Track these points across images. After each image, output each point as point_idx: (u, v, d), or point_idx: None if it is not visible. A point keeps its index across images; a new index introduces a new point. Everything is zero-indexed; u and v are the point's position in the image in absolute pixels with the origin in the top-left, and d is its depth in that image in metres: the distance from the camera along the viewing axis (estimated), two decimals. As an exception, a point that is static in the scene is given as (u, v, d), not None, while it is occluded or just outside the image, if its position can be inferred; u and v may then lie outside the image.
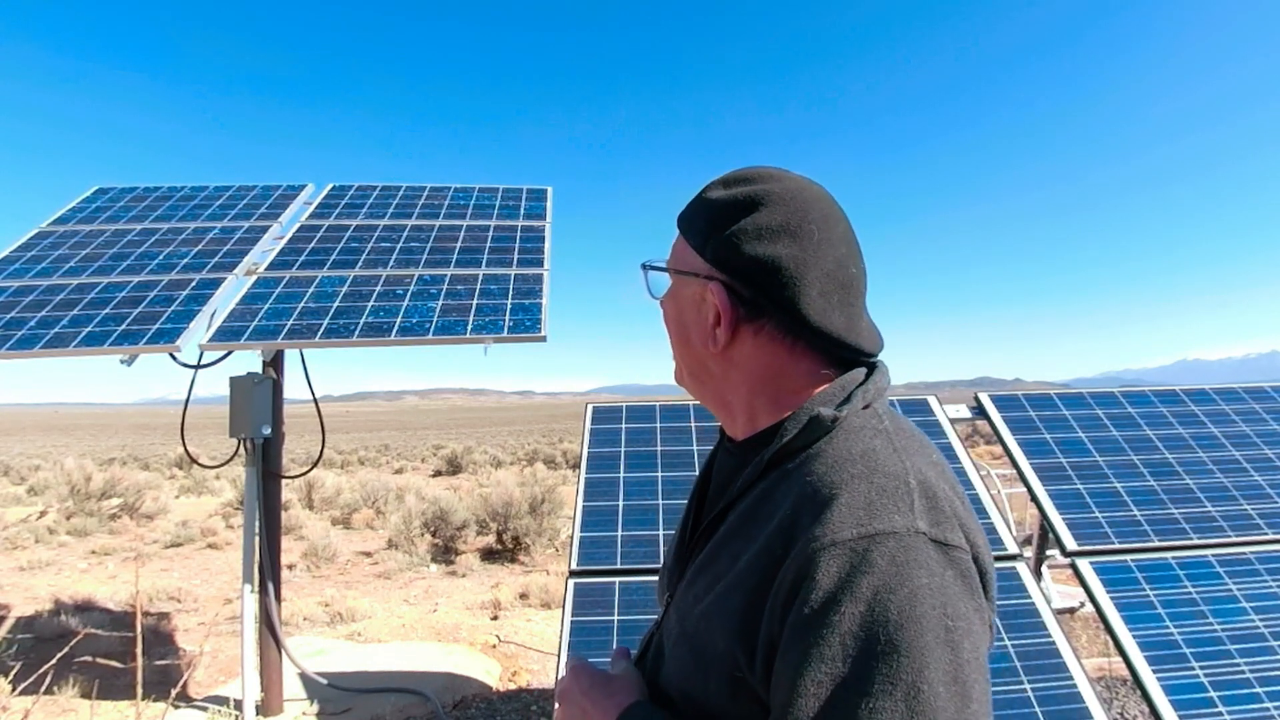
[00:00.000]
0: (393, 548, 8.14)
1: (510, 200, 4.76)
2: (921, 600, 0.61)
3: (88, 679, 4.04)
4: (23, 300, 3.50)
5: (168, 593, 6.23)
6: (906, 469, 0.69)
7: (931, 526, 0.65)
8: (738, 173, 0.83)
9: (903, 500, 0.66)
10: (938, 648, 0.59)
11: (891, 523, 0.64)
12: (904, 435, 0.74)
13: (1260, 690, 2.27)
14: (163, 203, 4.66)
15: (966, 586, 0.64)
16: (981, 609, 0.65)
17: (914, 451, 0.73)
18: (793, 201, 0.78)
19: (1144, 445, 3.14)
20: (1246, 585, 2.58)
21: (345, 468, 20.69)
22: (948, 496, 0.69)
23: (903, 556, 0.62)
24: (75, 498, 9.76)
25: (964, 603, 0.63)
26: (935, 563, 0.63)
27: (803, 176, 0.82)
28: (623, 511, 2.83)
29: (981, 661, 0.63)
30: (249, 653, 3.37)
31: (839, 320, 0.76)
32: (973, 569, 0.66)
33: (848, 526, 0.64)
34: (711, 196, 0.82)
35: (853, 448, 0.70)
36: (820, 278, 0.75)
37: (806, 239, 0.76)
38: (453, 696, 3.97)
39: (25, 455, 29.39)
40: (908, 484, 0.67)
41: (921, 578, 0.62)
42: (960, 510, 0.70)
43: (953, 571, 0.64)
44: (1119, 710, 3.74)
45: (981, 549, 0.69)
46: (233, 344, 3.22)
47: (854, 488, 0.67)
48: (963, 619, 0.62)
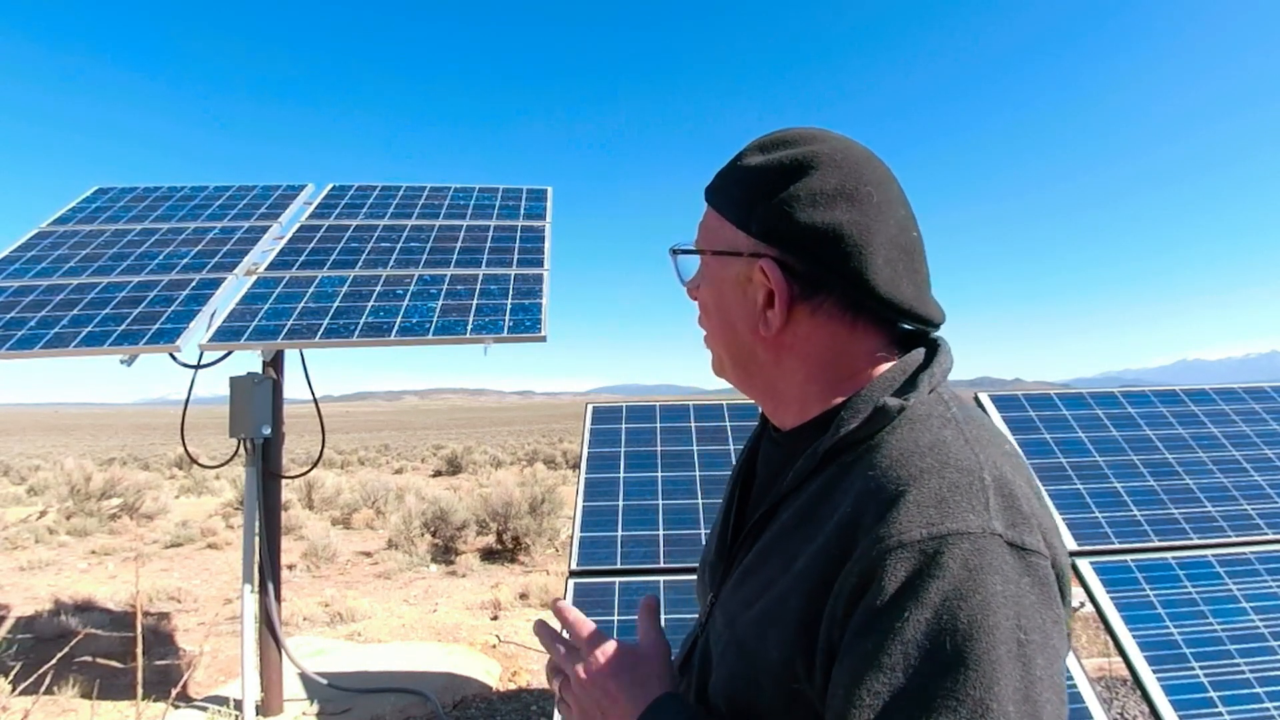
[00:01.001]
0: (393, 548, 8.14)
1: (510, 200, 4.76)
2: (994, 609, 0.55)
3: (88, 679, 4.03)
4: (23, 300, 3.50)
5: (168, 593, 6.23)
6: (981, 463, 0.62)
7: (1008, 528, 0.59)
8: (775, 136, 0.75)
9: (977, 498, 0.60)
10: (1009, 662, 0.54)
11: (965, 522, 0.58)
12: (975, 425, 0.68)
13: (1260, 690, 2.27)
14: (163, 203, 4.66)
15: (1044, 596, 0.58)
16: (1059, 620, 0.60)
17: (987, 443, 0.66)
18: (845, 162, 0.70)
19: (1144, 445, 3.14)
20: (1246, 585, 2.58)
21: (345, 468, 20.68)
22: (1025, 495, 0.63)
23: (976, 560, 0.57)
24: (75, 498, 9.76)
25: (1040, 613, 0.57)
26: (1011, 568, 0.57)
27: (844, 135, 0.75)
28: (623, 511, 2.83)
29: (1056, 679, 0.57)
30: (249, 653, 3.37)
31: (908, 289, 0.69)
32: (1051, 576, 0.60)
33: (916, 526, 0.58)
34: (751, 163, 0.73)
35: (920, 438, 0.64)
36: (885, 244, 0.68)
37: (866, 202, 0.69)
38: (453, 696, 3.97)
39: (25, 455, 29.39)
40: (982, 480, 0.61)
41: (996, 584, 0.56)
42: (1038, 510, 0.63)
43: (1030, 579, 0.58)
44: (1119, 710, 3.74)
45: (1060, 553, 0.63)
46: (233, 344, 3.22)
47: (923, 483, 0.61)
48: (1038, 631, 0.57)
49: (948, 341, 0.75)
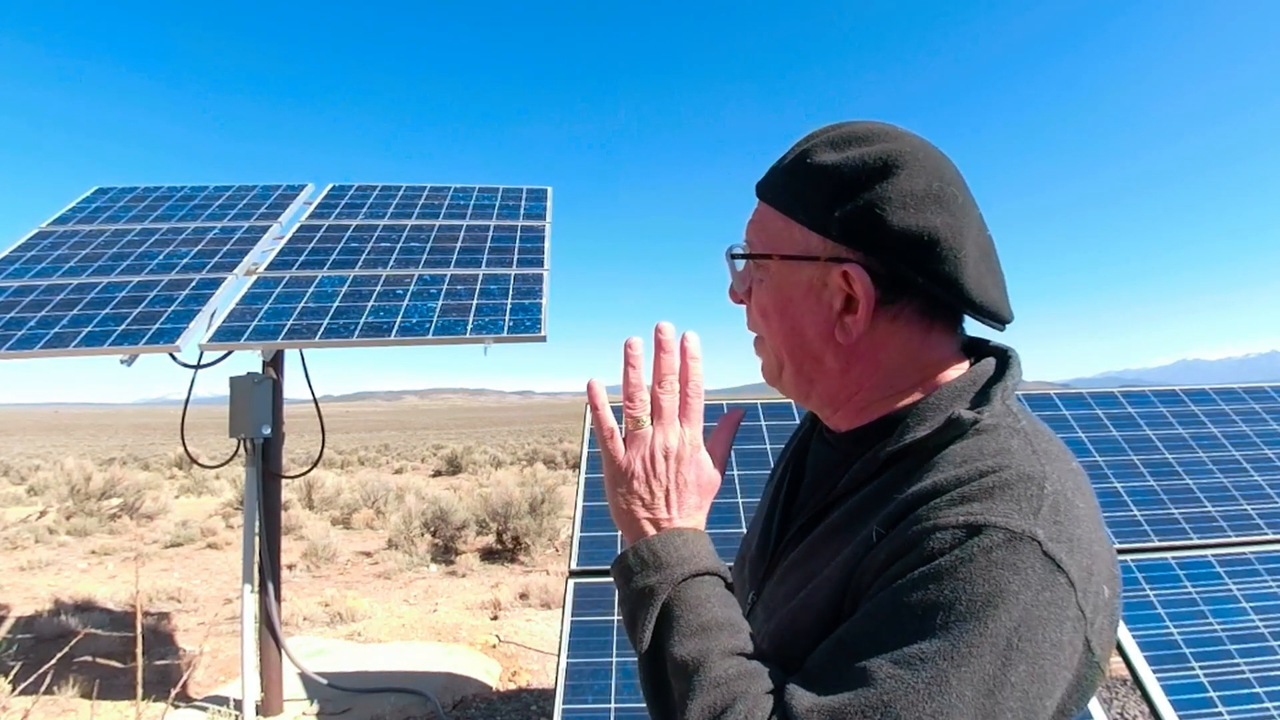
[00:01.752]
0: (393, 548, 8.14)
1: (510, 200, 4.76)
2: (999, 604, 0.53)
3: (88, 679, 4.03)
4: (23, 300, 3.50)
5: (168, 593, 6.23)
6: (1045, 474, 0.60)
7: (1050, 540, 0.56)
8: (844, 130, 0.71)
9: (1029, 501, 0.58)
10: (990, 656, 0.53)
11: (1007, 518, 0.56)
12: (1043, 438, 0.65)
13: (1260, 690, 2.27)
14: (163, 203, 4.66)
15: (1056, 616, 0.55)
16: (1060, 648, 0.55)
17: (1054, 457, 0.63)
18: (928, 161, 0.68)
19: (1144, 445, 3.14)
20: (1246, 585, 2.58)
21: (345, 468, 20.69)
22: (1085, 519, 0.59)
23: (1001, 555, 0.55)
24: (75, 498, 9.76)
25: (1045, 630, 0.54)
26: (1036, 576, 0.55)
27: (910, 131, 0.72)
28: (623, 511, 2.83)
29: (1031, 700, 0.54)
30: (249, 653, 3.37)
31: (994, 291, 0.68)
32: (1073, 607, 0.56)
33: (958, 514, 0.57)
34: (825, 161, 0.69)
35: (986, 446, 0.62)
36: (973, 247, 0.66)
37: (953, 203, 0.66)
38: (453, 696, 3.97)
39: (25, 455, 29.40)
40: (1041, 488, 0.59)
41: (1013, 584, 0.54)
42: (1094, 540, 0.59)
43: (1050, 594, 0.55)
44: (1119, 710, 3.74)
45: (1099, 600, 0.58)
46: (233, 344, 3.22)
47: (978, 482, 0.59)
48: (1033, 644, 0.54)
49: (1017, 352, 0.72)
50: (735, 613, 0.66)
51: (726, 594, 0.67)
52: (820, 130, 0.73)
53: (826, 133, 0.71)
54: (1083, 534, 0.58)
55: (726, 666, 0.60)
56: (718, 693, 0.59)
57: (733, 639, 0.63)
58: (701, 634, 0.63)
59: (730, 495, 2.88)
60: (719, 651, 0.61)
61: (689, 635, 0.63)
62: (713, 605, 0.65)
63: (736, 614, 0.66)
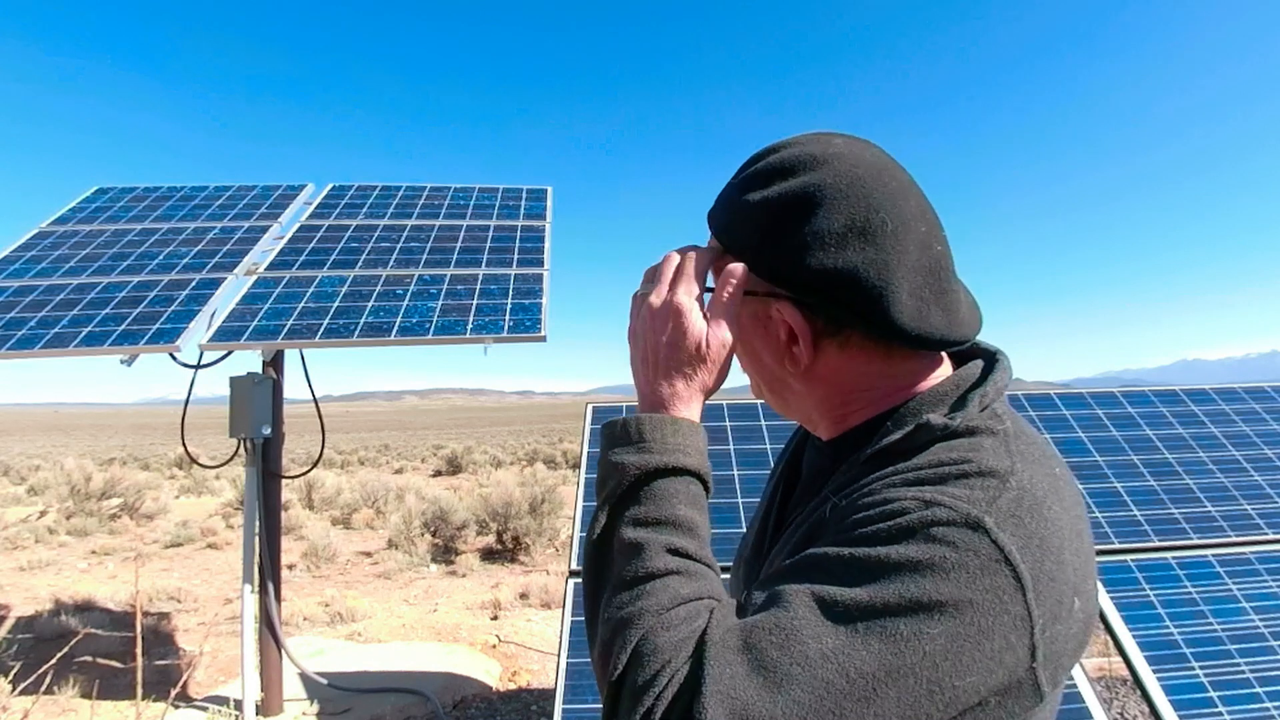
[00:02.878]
0: (393, 548, 8.14)
1: (510, 200, 4.76)
2: (928, 575, 0.52)
3: (88, 679, 4.04)
4: (23, 300, 3.50)
5: (168, 593, 6.23)
6: (1013, 469, 0.59)
7: (1000, 529, 0.54)
8: (773, 159, 0.69)
9: (984, 492, 0.56)
10: (906, 617, 0.51)
11: (956, 500, 0.55)
12: (1025, 440, 0.64)
13: (1260, 690, 2.27)
14: (162, 203, 4.66)
15: (992, 607, 0.52)
16: (994, 644, 0.52)
17: (1033, 459, 0.62)
18: (852, 190, 0.64)
19: (1144, 445, 3.14)
20: (1246, 585, 2.58)
21: (345, 468, 20.68)
22: (1057, 523, 0.57)
23: (943, 532, 0.54)
24: (75, 498, 9.76)
25: (976, 616, 0.52)
26: (976, 561, 0.53)
27: (849, 140, 0.69)
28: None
29: (943, 678, 0.51)
30: (249, 653, 3.37)
31: (937, 318, 0.65)
32: (1022, 611, 0.53)
33: (909, 491, 0.57)
34: (752, 199, 0.68)
35: (957, 446, 0.62)
36: (907, 275, 0.63)
37: (880, 234, 0.63)
38: (453, 696, 3.97)
39: (25, 455, 29.40)
40: (1004, 483, 0.57)
41: (948, 560, 0.52)
42: (1064, 546, 0.57)
43: (990, 582, 0.52)
44: (1119, 710, 3.74)
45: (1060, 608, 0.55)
46: (233, 344, 3.22)
47: (937, 471, 0.59)
48: (956, 622, 0.51)
49: (1007, 355, 0.71)
50: (699, 515, 0.66)
51: (698, 494, 0.67)
52: (754, 157, 0.71)
53: (757, 162, 0.70)
54: (1047, 535, 0.56)
55: (667, 561, 0.61)
56: (646, 582, 0.60)
57: (683, 539, 0.63)
58: (655, 526, 0.63)
59: (730, 495, 2.88)
60: (665, 546, 0.62)
61: (642, 524, 0.63)
62: (678, 503, 0.64)
63: (700, 517, 0.66)
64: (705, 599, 0.60)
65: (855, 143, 0.69)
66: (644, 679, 0.55)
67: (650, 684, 0.55)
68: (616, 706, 0.57)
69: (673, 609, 0.58)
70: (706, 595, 0.61)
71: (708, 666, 0.53)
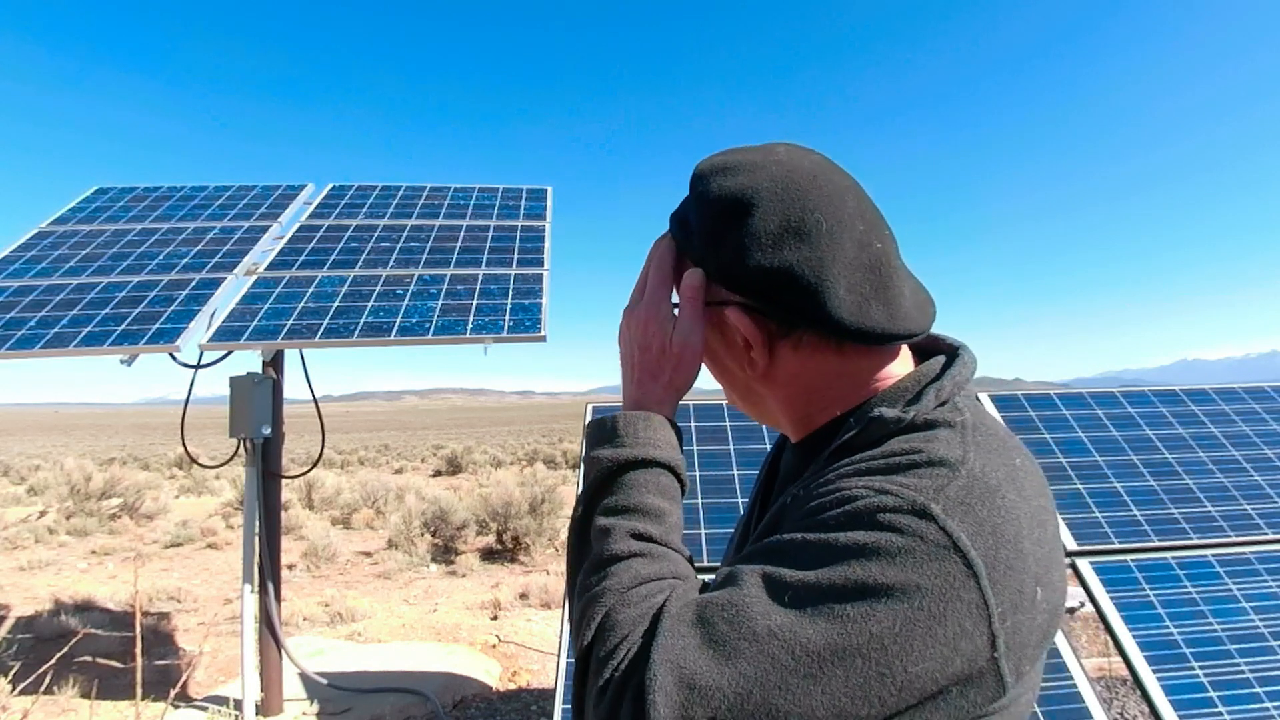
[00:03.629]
0: (393, 548, 8.14)
1: (510, 200, 4.76)
2: (873, 559, 0.53)
3: (87, 679, 4.04)
4: (22, 300, 3.50)
5: (168, 593, 6.23)
6: (966, 459, 0.59)
7: (947, 516, 0.55)
8: (716, 163, 0.72)
9: (933, 480, 0.57)
10: (853, 599, 0.52)
11: (903, 488, 0.56)
12: (984, 432, 0.64)
13: (1260, 690, 2.27)
14: (162, 203, 4.66)
15: (943, 593, 0.52)
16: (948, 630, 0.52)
17: (991, 450, 0.62)
18: (787, 192, 0.66)
19: (1144, 445, 3.14)
20: (1246, 585, 2.58)
21: (345, 468, 20.68)
22: (1014, 511, 0.57)
23: (889, 518, 0.54)
24: (75, 498, 9.76)
25: (925, 601, 0.52)
26: (924, 547, 0.53)
27: (790, 148, 0.72)
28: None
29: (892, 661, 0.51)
30: (249, 653, 3.37)
31: (878, 313, 0.66)
32: (978, 599, 0.53)
33: (858, 481, 0.59)
34: (695, 205, 0.72)
35: (912, 438, 0.63)
36: (844, 271, 0.65)
37: (815, 232, 0.65)
38: (453, 696, 3.97)
39: (25, 455, 29.39)
40: (955, 471, 0.58)
41: (893, 545, 0.53)
42: (1022, 535, 0.56)
43: (938, 567, 0.52)
44: (1119, 710, 3.74)
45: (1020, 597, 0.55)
46: (232, 344, 3.22)
47: (887, 461, 0.60)
48: (906, 605, 0.52)
49: (970, 350, 0.72)
50: (669, 504, 0.69)
51: (670, 485, 0.71)
52: (700, 164, 0.73)
53: (706, 166, 0.72)
54: (1000, 524, 0.56)
55: (630, 545, 0.65)
56: (610, 563, 0.64)
57: (650, 525, 0.67)
58: (624, 513, 0.67)
59: (730, 495, 2.88)
60: (629, 531, 0.66)
61: (612, 512, 0.67)
62: (648, 492, 0.68)
63: (670, 506, 0.70)
64: (666, 579, 0.64)
65: (796, 150, 0.72)
66: (604, 651, 0.59)
67: (610, 655, 0.58)
68: (585, 678, 0.61)
69: (634, 588, 0.62)
70: (668, 575, 0.64)
71: (660, 638, 0.56)
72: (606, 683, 0.57)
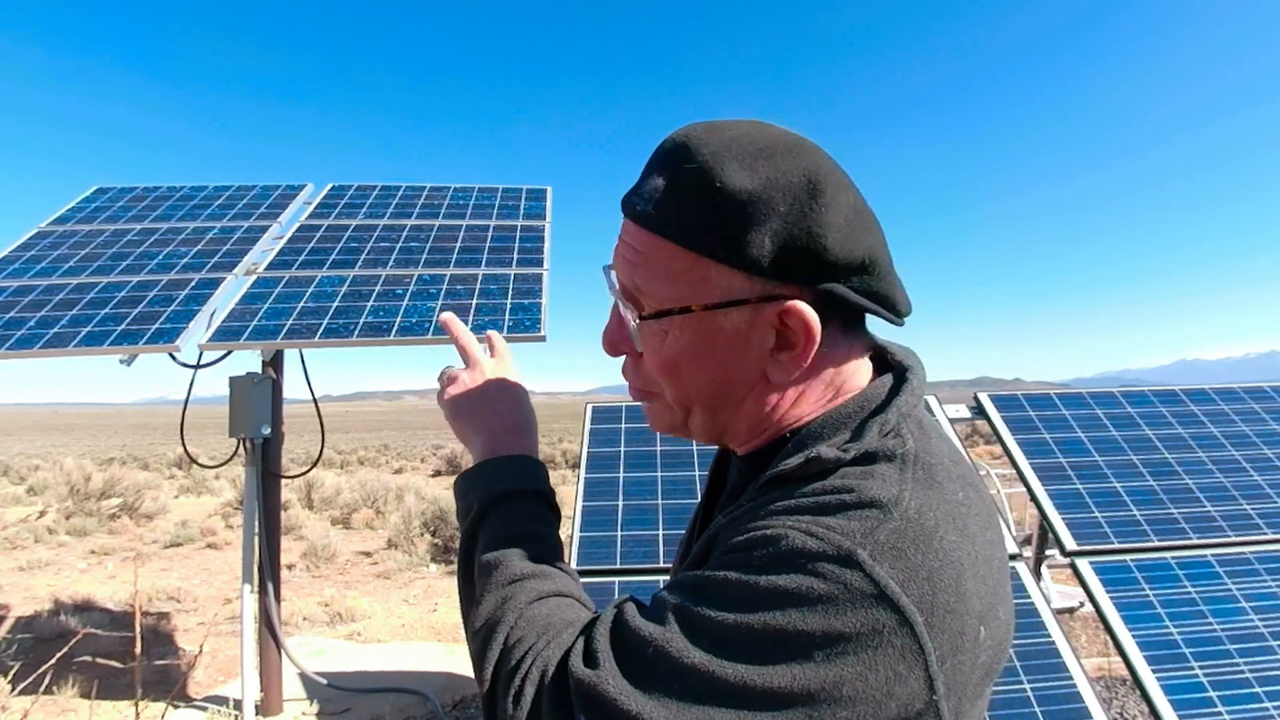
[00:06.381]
0: (392, 548, 8.14)
1: (510, 200, 4.76)
2: (794, 605, 0.51)
3: (87, 679, 4.03)
4: (22, 300, 3.50)
5: (167, 593, 6.23)
6: (899, 499, 0.55)
7: (875, 562, 0.51)
8: (750, 145, 0.60)
9: (862, 523, 0.53)
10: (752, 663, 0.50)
11: (829, 532, 0.53)
12: (924, 463, 0.59)
13: (1260, 690, 2.27)
14: (162, 202, 4.66)
15: (868, 640, 0.50)
16: (879, 677, 0.50)
17: (933, 485, 0.58)
18: (841, 173, 0.62)
19: (1143, 445, 3.14)
20: (1246, 585, 2.58)
21: (345, 468, 20.68)
22: (953, 552, 0.54)
23: (813, 565, 0.51)
24: (75, 498, 9.76)
25: (848, 646, 0.50)
26: (848, 594, 0.50)
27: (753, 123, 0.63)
28: (622, 511, 2.83)
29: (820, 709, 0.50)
30: (249, 653, 3.37)
31: (903, 296, 0.65)
32: (911, 644, 0.50)
33: (785, 521, 0.55)
34: (743, 185, 0.58)
35: (848, 473, 0.58)
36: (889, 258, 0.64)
37: (870, 214, 0.63)
38: (453, 696, 3.97)
39: (25, 455, 29.38)
40: (887, 514, 0.54)
41: (815, 591, 0.51)
42: (962, 575, 0.54)
43: (864, 615, 0.50)
44: (1118, 710, 3.74)
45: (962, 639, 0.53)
46: (232, 344, 3.22)
47: (818, 500, 0.56)
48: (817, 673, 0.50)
49: (921, 368, 0.67)
50: (536, 525, 0.72)
51: (535, 510, 0.74)
52: (709, 140, 0.60)
53: (726, 146, 0.59)
54: (937, 568, 0.53)
55: (521, 568, 0.67)
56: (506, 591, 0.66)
57: (532, 547, 0.70)
58: (503, 543, 0.70)
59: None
60: (513, 556, 0.68)
61: (490, 545, 0.70)
62: (516, 521, 0.72)
63: (538, 526, 0.73)
64: (564, 595, 0.66)
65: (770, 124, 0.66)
66: (511, 664, 0.60)
67: (517, 668, 0.59)
68: (494, 703, 0.60)
69: (533, 603, 0.64)
70: (565, 592, 0.66)
71: (573, 658, 0.56)
72: (518, 693, 0.58)
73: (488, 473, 0.75)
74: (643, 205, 0.61)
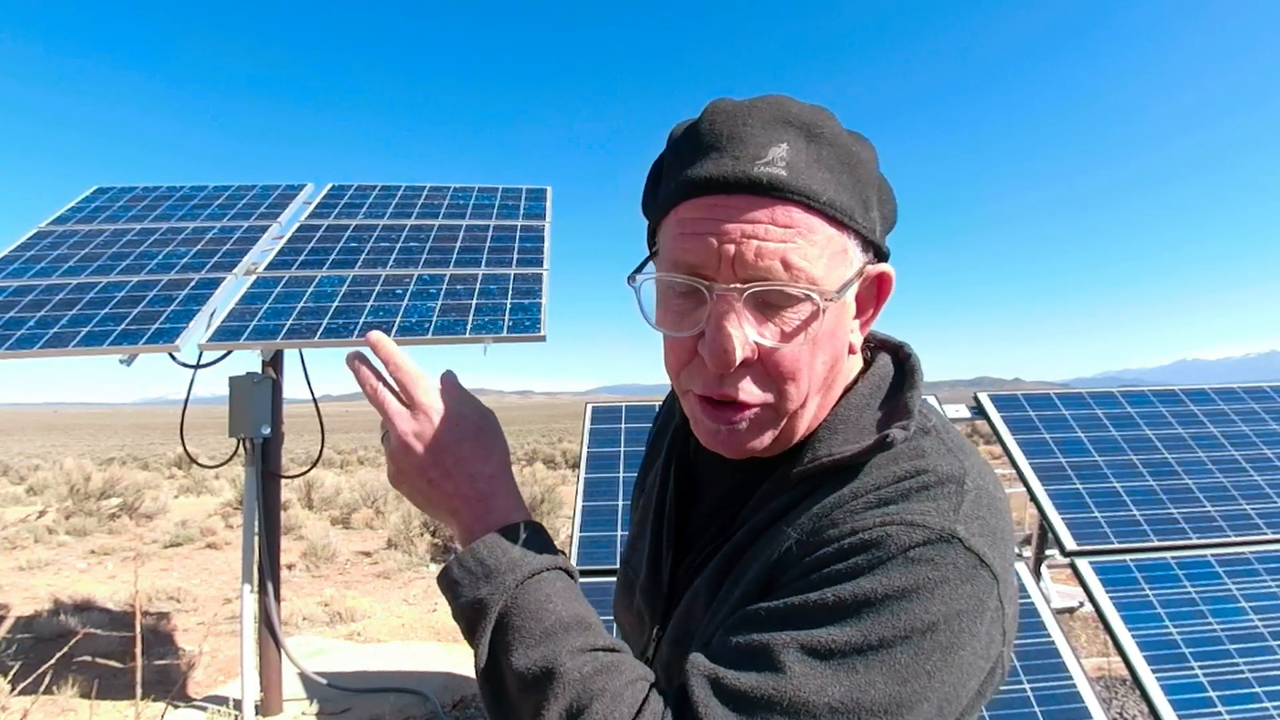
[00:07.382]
0: (392, 547, 8.14)
1: (510, 200, 4.76)
2: (915, 598, 0.52)
3: (87, 679, 4.03)
4: (22, 300, 3.50)
5: (167, 593, 6.23)
6: (965, 469, 0.59)
7: (972, 536, 0.55)
8: (829, 114, 0.60)
9: (948, 500, 0.56)
10: (903, 646, 0.51)
11: (925, 517, 0.55)
12: (952, 433, 0.64)
13: (1259, 690, 2.27)
14: (162, 202, 4.66)
15: (978, 609, 0.54)
16: (982, 642, 0.54)
17: (968, 451, 0.62)
18: None
19: (1143, 445, 3.14)
20: (1246, 585, 2.58)
21: (345, 467, 20.67)
22: (1005, 509, 0.59)
23: (920, 552, 0.53)
24: (74, 497, 9.75)
25: (965, 622, 0.53)
26: (957, 572, 0.53)
27: None
28: (622, 511, 2.83)
29: (951, 691, 0.53)
30: (248, 653, 3.36)
31: None
32: (995, 601, 0.55)
33: (875, 516, 0.56)
34: (861, 152, 0.60)
35: (900, 452, 0.60)
36: None
37: None
38: (452, 696, 3.97)
39: (25, 455, 29.37)
40: (962, 486, 0.57)
41: (931, 579, 0.53)
42: (1010, 528, 0.59)
43: (972, 588, 0.53)
44: (1118, 710, 3.74)
45: (1012, 590, 0.58)
46: (232, 344, 3.22)
47: (897, 487, 0.58)
48: (951, 634, 0.52)
49: (912, 348, 0.69)
50: (581, 606, 0.59)
51: (569, 587, 0.60)
52: (817, 112, 0.59)
53: (831, 117, 0.60)
54: (1000, 525, 0.57)
55: (580, 664, 0.54)
56: (573, 692, 0.53)
57: (582, 637, 0.56)
58: (546, 640, 0.55)
59: None
60: (568, 652, 0.55)
61: (533, 644, 0.55)
62: (555, 605, 0.57)
63: (583, 608, 0.59)
64: (639, 680, 0.56)
65: None
66: None
67: None
68: None
69: (624, 690, 0.54)
70: (640, 678, 0.56)
71: None
72: None
73: (494, 555, 0.60)
74: (788, 178, 0.55)
